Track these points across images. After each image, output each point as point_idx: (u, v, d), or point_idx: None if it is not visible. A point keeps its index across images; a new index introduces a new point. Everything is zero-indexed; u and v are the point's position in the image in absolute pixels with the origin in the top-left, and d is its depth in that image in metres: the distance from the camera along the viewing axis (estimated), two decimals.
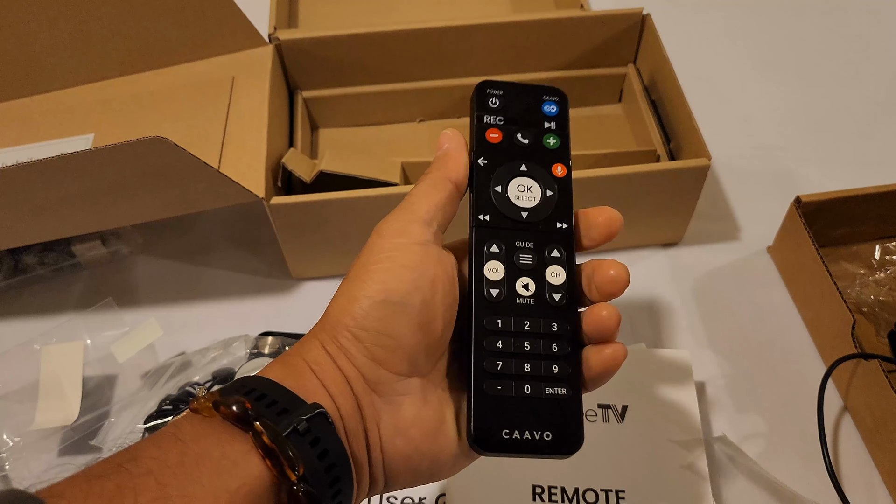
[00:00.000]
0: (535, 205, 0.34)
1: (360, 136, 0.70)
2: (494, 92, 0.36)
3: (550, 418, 0.30)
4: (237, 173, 0.53)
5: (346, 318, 0.30)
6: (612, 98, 0.72)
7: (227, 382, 0.52)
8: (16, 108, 0.62)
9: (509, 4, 0.78)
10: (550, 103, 0.36)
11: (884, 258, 0.61)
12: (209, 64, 0.63)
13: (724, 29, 0.83)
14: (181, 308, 0.60)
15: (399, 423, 0.30)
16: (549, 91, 0.37)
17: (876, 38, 0.81)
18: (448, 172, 0.33)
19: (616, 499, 0.46)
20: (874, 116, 0.73)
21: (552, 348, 0.31)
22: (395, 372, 0.30)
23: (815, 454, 0.49)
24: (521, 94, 0.36)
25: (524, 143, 0.35)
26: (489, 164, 0.34)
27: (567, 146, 0.36)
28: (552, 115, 0.36)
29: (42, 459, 0.51)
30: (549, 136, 0.35)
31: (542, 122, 0.36)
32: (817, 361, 0.56)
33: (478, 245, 0.33)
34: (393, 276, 0.30)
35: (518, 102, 0.36)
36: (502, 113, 0.35)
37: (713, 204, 0.66)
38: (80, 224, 0.54)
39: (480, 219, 0.33)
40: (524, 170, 0.34)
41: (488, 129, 0.35)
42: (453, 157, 0.33)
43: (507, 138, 0.35)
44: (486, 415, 0.30)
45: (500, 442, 0.30)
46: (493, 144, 0.35)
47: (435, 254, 0.31)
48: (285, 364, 0.30)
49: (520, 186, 0.34)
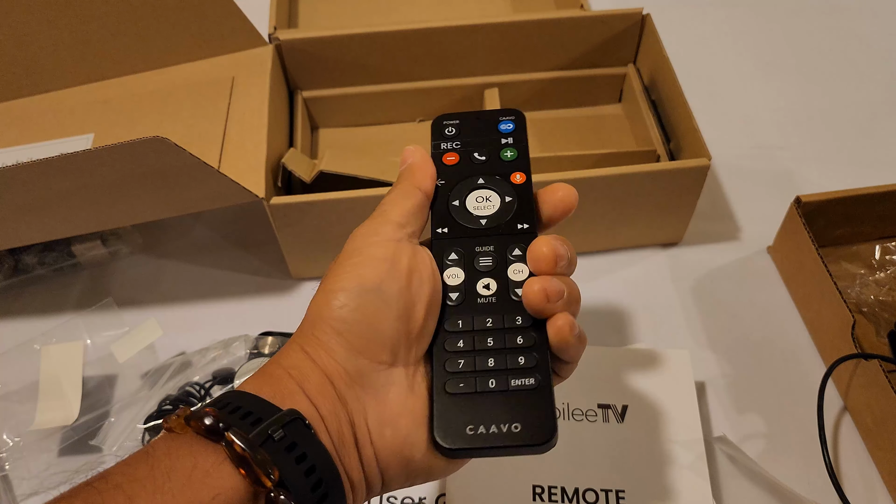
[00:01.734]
0: (493, 212, 0.35)
1: (360, 136, 0.70)
2: (451, 122, 0.38)
3: (518, 410, 0.30)
4: (237, 173, 0.53)
5: (324, 312, 0.30)
6: (613, 98, 0.72)
7: (226, 382, 0.52)
8: (16, 108, 0.62)
9: (509, 4, 0.78)
10: (507, 122, 0.38)
11: (884, 258, 0.61)
12: (209, 64, 0.63)
13: (724, 29, 0.83)
14: (181, 308, 0.60)
15: (386, 414, 0.30)
16: (505, 112, 0.38)
17: (876, 37, 0.81)
18: (416, 181, 0.35)
19: (616, 499, 0.46)
20: (874, 116, 0.73)
21: (517, 341, 0.31)
22: (378, 361, 0.30)
23: (815, 454, 0.49)
24: (477, 120, 0.38)
25: (481, 160, 0.37)
26: (447, 184, 0.36)
27: (526, 156, 0.37)
28: (508, 131, 0.37)
29: (42, 459, 0.51)
30: (506, 150, 0.37)
31: (499, 140, 0.37)
32: (817, 361, 0.56)
33: (436, 256, 0.34)
34: (367, 267, 0.31)
35: (474, 127, 0.38)
36: (459, 139, 0.37)
37: (713, 204, 0.66)
38: (80, 224, 0.54)
39: (438, 232, 0.35)
40: (482, 182, 0.36)
41: (445, 153, 0.37)
42: (419, 167, 0.35)
43: (465, 158, 0.37)
44: (448, 413, 0.30)
45: (465, 438, 0.30)
46: (450, 166, 0.37)
47: (409, 248, 0.32)
48: (262, 374, 0.30)
49: (478, 198, 0.35)
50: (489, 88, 0.68)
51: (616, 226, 0.60)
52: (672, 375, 0.51)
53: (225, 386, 0.52)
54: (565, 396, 0.50)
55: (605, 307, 0.60)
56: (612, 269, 0.62)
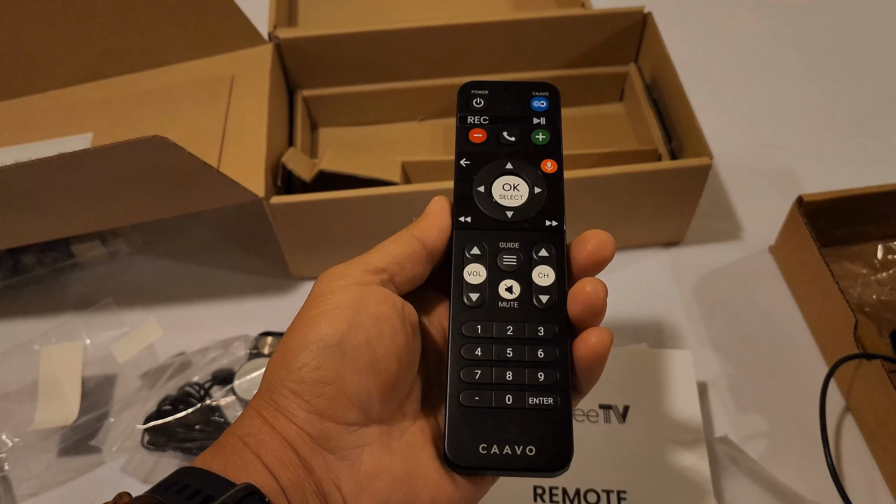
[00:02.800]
0: (521, 203, 0.32)
1: (361, 135, 0.70)
2: (479, 92, 0.35)
3: (534, 431, 0.28)
4: (237, 172, 0.53)
5: (282, 374, 0.28)
6: (614, 97, 0.71)
7: (226, 382, 0.52)
8: (15, 108, 0.62)
9: (510, 3, 0.78)
10: (540, 98, 0.35)
11: (886, 258, 0.61)
12: (209, 63, 0.63)
13: (725, 27, 0.83)
14: (181, 308, 0.60)
15: (361, 479, 0.27)
16: (539, 87, 0.35)
17: (878, 36, 0.81)
18: (417, 231, 0.31)
19: (618, 499, 0.46)
20: (876, 115, 0.73)
21: (538, 354, 0.29)
22: (345, 423, 0.27)
23: (818, 454, 0.48)
24: (508, 92, 0.35)
25: (510, 140, 0.34)
26: (472, 165, 0.33)
27: (558, 141, 0.34)
28: (541, 110, 0.34)
29: (42, 459, 0.51)
30: (538, 132, 0.34)
31: (531, 119, 0.34)
32: (819, 361, 0.56)
33: (457, 248, 0.31)
34: (328, 318, 0.28)
35: (505, 100, 0.34)
36: (487, 112, 0.34)
37: (715, 203, 0.66)
38: (80, 224, 0.54)
39: (461, 221, 0.32)
40: (510, 168, 0.33)
41: (472, 129, 0.34)
42: (430, 217, 0.32)
43: (493, 137, 0.34)
44: (461, 428, 0.28)
45: (477, 458, 0.28)
46: (477, 144, 0.33)
47: (378, 293, 0.29)
48: (216, 446, 0.27)
49: (505, 185, 0.32)
50: None
51: (617, 225, 0.60)
52: (674, 376, 0.51)
53: (225, 386, 0.52)
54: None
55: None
56: (613, 269, 0.62)
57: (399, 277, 0.30)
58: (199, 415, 0.50)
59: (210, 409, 0.51)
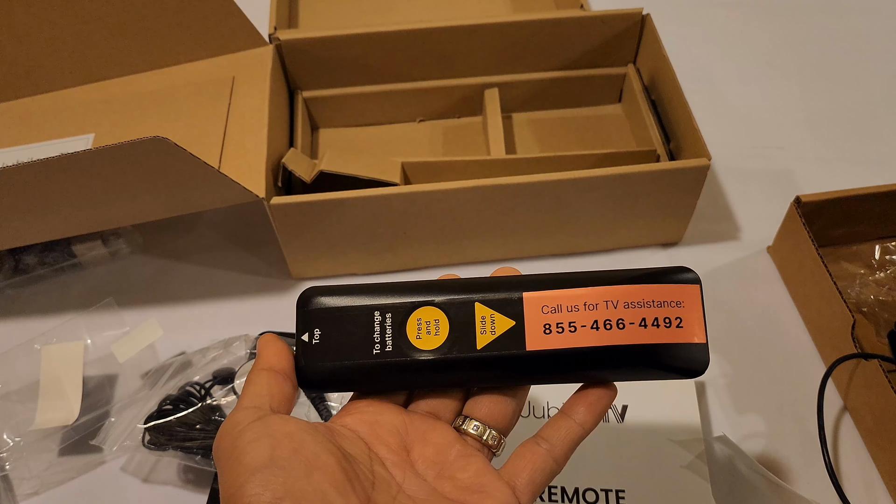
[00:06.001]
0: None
1: (360, 136, 0.70)
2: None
3: None
4: (237, 173, 0.53)
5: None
6: (612, 98, 0.72)
7: (227, 382, 0.52)
8: (16, 108, 0.62)
9: (509, 4, 0.78)
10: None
11: (884, 258, 0.61)
12: (209, 64, 0.63)
13: (724, 29, 0.83)
14: (181, 308, 0.60)
15: None
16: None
17: (876, 37, 0.81)
18: (261, 364, 0.32)
19: (616, 499, 0.46)
20: (874, 116, 0.73)
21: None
22: None
23: (815, 454, 0.49)
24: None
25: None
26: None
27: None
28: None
29: (42, 459, 0.51)
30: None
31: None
32: (817, 361, 0.56)
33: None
34: (249, 450, 0.28)
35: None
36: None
37: (713, 204, 0.66)
38: (81, 224, 0.54)
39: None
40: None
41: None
42: (263, 351, 0.33)
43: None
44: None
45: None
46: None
47: (275, 418, 0.30)
48: None
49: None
50: (489, 88, 0.68)
51: (616, 226, 0.60)
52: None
53: (225, 386, 0.52)
54: (565, 397, 0.49)
55: None
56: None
57: (276, 402, 0.31)
58: (200, 414, 0.50)
59: (211, 409, 0.51)
